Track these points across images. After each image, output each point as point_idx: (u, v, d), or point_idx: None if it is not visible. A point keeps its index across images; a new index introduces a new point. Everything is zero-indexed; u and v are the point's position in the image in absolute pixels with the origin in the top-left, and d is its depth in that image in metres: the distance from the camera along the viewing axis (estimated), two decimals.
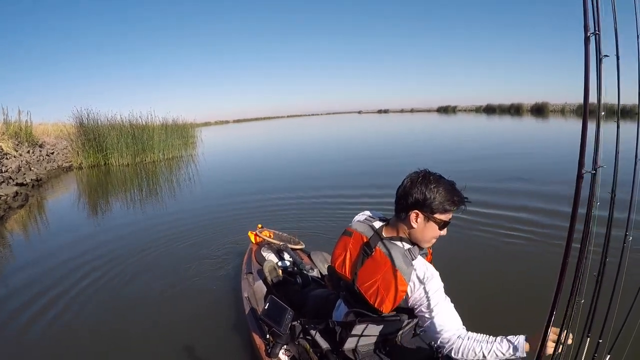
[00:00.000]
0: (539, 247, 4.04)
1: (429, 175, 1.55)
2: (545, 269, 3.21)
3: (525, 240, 4.32)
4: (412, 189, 1.53)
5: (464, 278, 3.33)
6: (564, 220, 2.69)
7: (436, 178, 1.54)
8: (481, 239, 4.45)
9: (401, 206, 1.57)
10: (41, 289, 3.81)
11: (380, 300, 1.53)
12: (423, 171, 1.57)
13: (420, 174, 1.56)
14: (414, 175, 1.57)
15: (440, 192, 1.50)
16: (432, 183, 1.51)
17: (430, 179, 1.53)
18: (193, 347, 2.72)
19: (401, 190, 1.57)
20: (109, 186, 11.04)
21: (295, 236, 3.69)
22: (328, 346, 1.81)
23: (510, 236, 4.44)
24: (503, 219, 5.00)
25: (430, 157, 11.29)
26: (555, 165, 8.86)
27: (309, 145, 20.28)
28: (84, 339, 2.98)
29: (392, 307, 1.53)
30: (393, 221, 1.64)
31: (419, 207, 1.52)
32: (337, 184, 8.15)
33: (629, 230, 1.34)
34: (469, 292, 3.22)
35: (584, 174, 1.05)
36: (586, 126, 0.98)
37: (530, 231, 4.51)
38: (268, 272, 2.70)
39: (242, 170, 11.86)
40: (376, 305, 1.54)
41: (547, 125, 24.42)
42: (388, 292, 1.51)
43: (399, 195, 1.58)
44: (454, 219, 1.64)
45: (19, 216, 7.31)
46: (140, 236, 5.57)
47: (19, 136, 13.55)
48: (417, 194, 1.51)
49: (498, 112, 42.93)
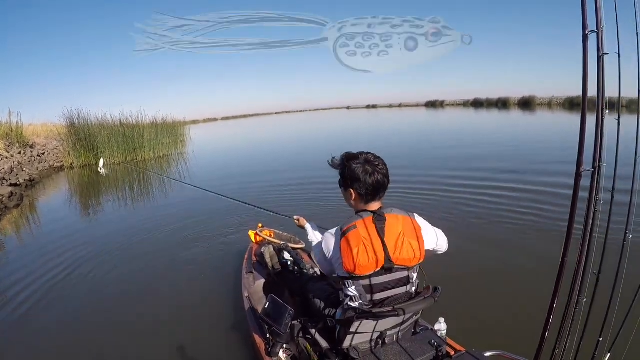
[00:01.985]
0: (544, 242, 4.04)
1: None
2: (548, 267, 3.20)
3: (529, 233, 4.32)
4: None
5: (465, 273, 3.34)
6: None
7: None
8: (483, 231, 4.47)
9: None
10: (39, 289, 3.83)
11: (415, 246, 1.62)
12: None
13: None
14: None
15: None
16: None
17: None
18: (193, 346, 2.73)
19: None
20: (101, 185, 11.06)
21: (296, 235, 3.68)
22: (327, 345, 1.81)
23: (513, 231, 4.45)
24: (507, 211, 5.00)
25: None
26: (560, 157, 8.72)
27: (301, 140, 20.30)
28: (82, 339, 2.99)
29: (423, 246, 1.65)
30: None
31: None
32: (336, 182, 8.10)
33: (629, 228, 1.33)
34: (472, 286, 3.23)
35: (582, 173, 1.04)
36: (585, 124, 0.97)
37: (538, 224, 4.51)
38: (269, 257, 2.76)
39: (234, 167, 11.81)
40: (417, 254, 1.62)
41: (546, 119, 24.37)
42: (413, 234, 1.63)
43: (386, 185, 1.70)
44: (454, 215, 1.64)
45: (16, 215, 7.35)
46: (137, 235, 5.57)
47: (10, 137, 13.59)
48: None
49: (486, 106, 42.84)
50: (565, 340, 1.35)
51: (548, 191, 5.86)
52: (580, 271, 1.28)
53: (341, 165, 1.72)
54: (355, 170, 1.63)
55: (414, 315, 1.78)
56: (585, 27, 0.89)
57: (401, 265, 1.61)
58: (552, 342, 1.35)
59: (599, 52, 0.92)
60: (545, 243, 3.95)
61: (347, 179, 1.68)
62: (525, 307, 2.82)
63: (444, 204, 5.63)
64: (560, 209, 4.83)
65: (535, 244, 4.05)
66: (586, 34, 0.89)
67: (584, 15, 0.87)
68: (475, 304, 2.98)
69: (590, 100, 0.94)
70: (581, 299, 1.31)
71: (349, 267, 1.57)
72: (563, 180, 6.15)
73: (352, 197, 1.68)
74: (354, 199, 1.68)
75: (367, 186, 1.63)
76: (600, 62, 0.93)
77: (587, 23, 0.89)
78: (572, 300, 1.31)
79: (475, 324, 2.65)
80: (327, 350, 1.79)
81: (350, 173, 1.65)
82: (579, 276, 1.28)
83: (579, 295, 1.30)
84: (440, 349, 1.68)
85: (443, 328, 1.93)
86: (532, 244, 4.06)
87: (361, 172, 1.62)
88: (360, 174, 1.62)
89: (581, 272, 1.28)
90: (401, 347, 1.73)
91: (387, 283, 1.64)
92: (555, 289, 1.32)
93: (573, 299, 1.31)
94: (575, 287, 1.30)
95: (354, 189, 1.66)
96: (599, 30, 0.89)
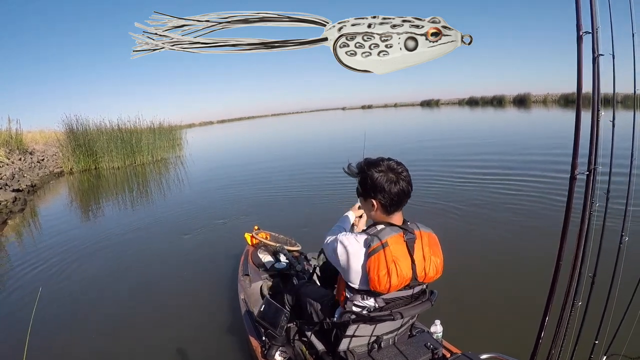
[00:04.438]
0: (539, 244, 4.04)
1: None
2: (544, 269, 3.20)
3: (525, 235, 4.32)
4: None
5: (461, 276, 3.33)
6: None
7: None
8: (478, 233, 4.46)
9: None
10: (42, 293, 3.79)
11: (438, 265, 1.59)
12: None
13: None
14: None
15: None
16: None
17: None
18: (189, 348, 2.71)
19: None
20: (100, 189, 11.03)
21: (292, 238, 3.67)
22: (324, 348, 1.80)
23: (509, 233, 4.45)
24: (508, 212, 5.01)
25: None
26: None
27: (299, 143, 20.30)
28: (79, 341, 2.97)
29: (442, 263, 1.60)
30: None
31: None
32: (335, 182, 8.06)
33: (624, 231, 1.33)
34: (468, 288, 3.22)
35: (577, 176, 1.04)
36: (579, 126, 0.97)
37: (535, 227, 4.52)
38: (265, 260, 3.02)
39: (230, 170, 11.72)
40: (438, 271, 1.59)
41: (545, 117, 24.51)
42: (437, 251, 1.60)
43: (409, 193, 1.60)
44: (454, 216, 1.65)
45: (21, 219, 7.38)
46: (134, 237, 5.55)
47: (10, 144, 13.64)
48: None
49: (481, 104, 43.03)
50: (560, 342, 1.34)
51: (544, 193, 5.86)
52: (575, 274, 1.27)
53: (360, 173, 1.56)
54: (377, 179, 1.48)
55: (410, 319, 1.77)
56: (580, 28, 0.89)
57: (423, 282, 1.58)
58: (547, 344, 1.34)
59: (594, 53, 0.92)
60: (541, 246, 3.94)
61: (368, 188, 1.52)
62: (521, 310, 2.81)
63: (440, 206, 5.63)
64: (556, 212, 4.84)
65: (531, 246, 4.05)
66: (580, 35, 0.89)
67: (578, 15, 0.87)
68: (471, 306, 2.97)
69: (584, 96, 0.93)
70: (577, 301, 1.30)
71: (375, 286, 1.48)
72: (560, 181, 6.15)
73: (374, 208, 1.54)
74: (376, 209, 1.54)
75: (391, 196, 1.48)
76: (596, 63, 0.93)
77: (582, 24, 0.88)
78: (568, 303, 1.30)
79: (471, 326, 2.65)
80: (323, 353, 1.78)
81: (372, 182, 1.50)
82: (574, 279, 1.27)
83: (575, 298, 1.30)
84: (436, 351, 1.67)
85: (439, 330, 1.92)
86: (528, 247, 4.06)
87: (385, 181, 1.48)
88: (384, 183, 1.47)
89: (577, 275, 1.27)
90: (397, 350, 1.72)
91: (405, 298, 1.61)
92: (551, 291, 1.32)
93: (568, 302, 1.31)
94: (570, 290, 1.30)
95: (376, 199, 1.51)
96: (594, 31, 0.89)
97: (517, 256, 3.87)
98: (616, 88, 1.07)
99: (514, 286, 3.27)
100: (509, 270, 3.61)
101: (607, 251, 1.33)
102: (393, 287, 1.48)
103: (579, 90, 0.94)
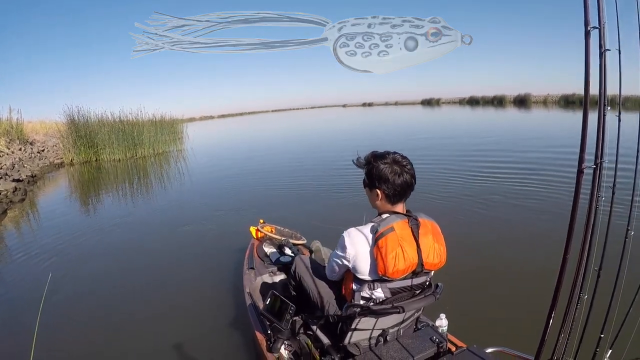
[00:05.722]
0: (545, 238, 4.04)
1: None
2: (550, 263, 3.20)
3: (530, 229, 4.32)
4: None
5: (466, 269, 3.34)
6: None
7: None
8: (484, 227, 4.47)
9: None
10: (36, 288, 3.84)
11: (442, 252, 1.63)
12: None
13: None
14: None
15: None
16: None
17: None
18: (194, 341, 2.74)
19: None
20: (101, 181, 11.07)
21: (297, 231, 3.69)
22: (329, 341, 1.82)
23: (515, 226, 4.45)
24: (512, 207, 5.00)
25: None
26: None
27: (300, 137, 20.29)
28: (82, 332, 3.00)
29: (446, 252, 1.65)
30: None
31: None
32: (337, 176, 8.06)
33: (630, 225, 1.33)
34: (473, 282, 3.23)
35: (584, 169, 1.04)
36: (587, 121, 0.97)
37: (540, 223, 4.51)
38: (270, 254, 3.05)
39: (233, 164, 11.77)
40: (442, 259, 1.63)
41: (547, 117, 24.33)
42: (440, 239, 1.65)
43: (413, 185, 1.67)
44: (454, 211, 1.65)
45: (21, 209, 7.44)
46: (138, 230, 5.61)
47: (10, 134, 13.69)
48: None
49: (482, 103, 42.89)
50: (566, 336, 1.35)
51: (550, 187, 5.84)
52: (581, 267, 1.27)
53: (367, 165, 1.66)
54: (382, 171, 1.59)
55: (415, 312, 1.78)
56: (587, 24, 0.88)
57: (428, 269, 1.61)
58: (553, 338, 1.35)
59: (601, 48, 0.91)
60: (547, 239, 3.95)
61: (374, 179, 1.62)
62: (526, 303, 2.82)
63: (446, 201, 5.63)
64: (562, 205, 4.83)
65: (537, 240, 4.05)
66: (588, 30, 0.88)
67: (586, 11, 0.86)
68: (476, 300, 2.98)
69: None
70: (582, 295, 1.30)
71: (384, 270, 1.53)
72: (566, 175, 6.14)
73: (378, 197, 1.64)
74: (380, 199, 1.64)
75: (395, 187, 1.58)
76: (603, 58, 0.92)
77: (589, 19, 0.88)
78: (574, 297, 1.31)
79: (477, 320, 2.66)
80: (328, 347, 1.80)
81: (377, 173, 1.60)
82: (580, 272, 1.27)
83: (581, 292, 1.30)
84: (442, 345, 1.68)
85: (444, 324, 1.93)
86: (534, 240, 4.06)
87: (389, 173, 1.58)
88: (389, 174, 1.58)
89: (583, 268, 1.27)
90: (402, 344, 1.73)
91: (410, 286, 1.64)
92: (557, 285, 1.32)
93: (574, 295, 1.31)
94: (576, 283, 1.30)
95: (381, 189, 1.61)
96: (601, 26, 0.88)
97: (522, 250, 3.87)
98: (622, 86, 1.07)
99: (521, 280, 3.28)
100: (514, 264, 3.61)
101: (614, 245, 1.32)
102: (400, 272, 1.54)
103: (586, 86, 0.93)
